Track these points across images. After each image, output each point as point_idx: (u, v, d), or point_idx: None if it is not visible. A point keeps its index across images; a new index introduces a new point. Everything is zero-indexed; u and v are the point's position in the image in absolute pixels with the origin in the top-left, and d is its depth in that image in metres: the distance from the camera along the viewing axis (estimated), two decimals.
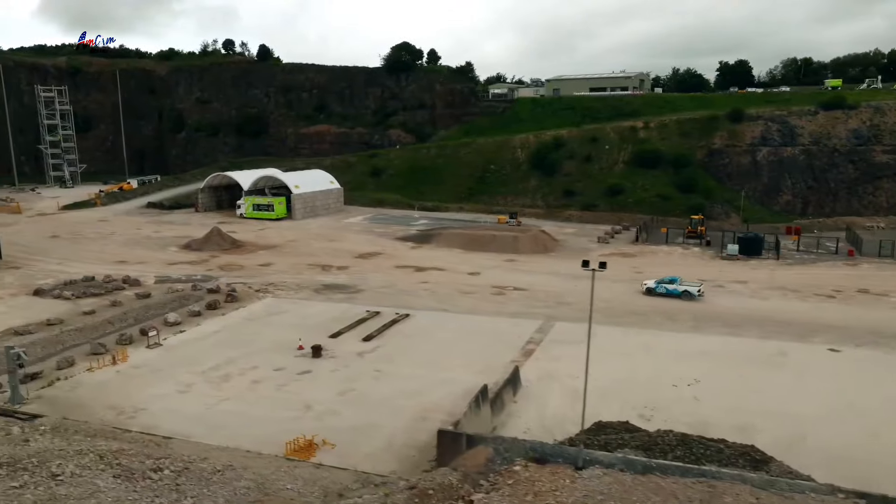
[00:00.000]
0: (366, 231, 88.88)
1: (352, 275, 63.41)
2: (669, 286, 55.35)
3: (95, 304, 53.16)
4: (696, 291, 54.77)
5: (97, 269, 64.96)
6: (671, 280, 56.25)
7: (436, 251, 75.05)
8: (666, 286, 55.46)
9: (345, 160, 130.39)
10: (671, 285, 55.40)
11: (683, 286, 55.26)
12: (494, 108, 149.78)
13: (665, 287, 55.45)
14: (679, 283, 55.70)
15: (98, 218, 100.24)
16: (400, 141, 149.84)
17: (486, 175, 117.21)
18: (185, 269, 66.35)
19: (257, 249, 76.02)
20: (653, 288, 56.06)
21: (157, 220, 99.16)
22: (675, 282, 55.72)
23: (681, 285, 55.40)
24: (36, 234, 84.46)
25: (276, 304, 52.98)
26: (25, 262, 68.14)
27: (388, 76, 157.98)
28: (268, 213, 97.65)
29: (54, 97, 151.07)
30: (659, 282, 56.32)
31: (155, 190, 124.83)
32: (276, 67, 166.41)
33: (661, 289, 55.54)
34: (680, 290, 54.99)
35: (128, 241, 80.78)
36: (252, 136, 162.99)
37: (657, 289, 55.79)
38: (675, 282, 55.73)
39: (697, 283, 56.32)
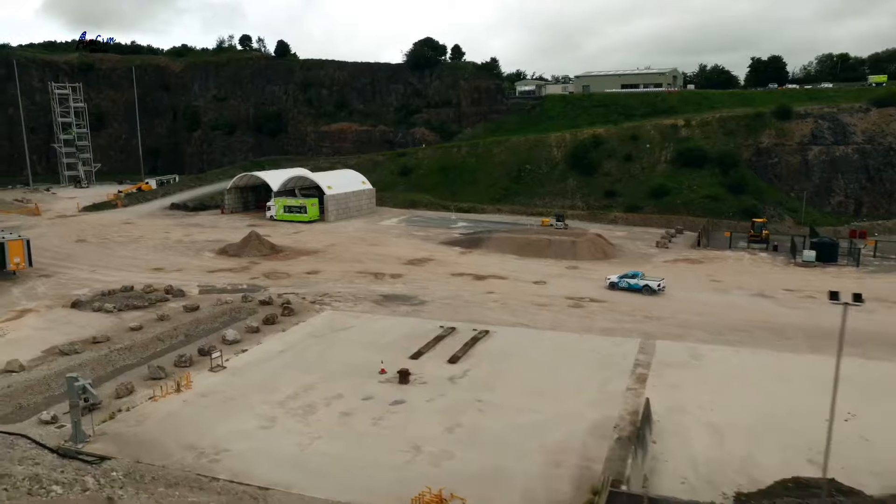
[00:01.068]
0: (406, 234, 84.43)
1: (408, 284, 58.95)
2: (631, 280, 56.41)
3: (141, 318, 48.79)
4: (656, 286, 55.34)
5: (134, 278, 60.62)
6: (633, 274, 57.29)
7: (488, 257, 70.61)
8: (628, 280, 56.51)
9: (372, 159, 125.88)
10: (633, 280, 56.48)
11: (644, 281, 56.16)
12: (522, 106, 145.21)
13: (627, 282, 56.46)
14: (641, 277, 56.86)
15: (122, 220, 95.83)
16: (424, 139, 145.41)
17: (521, 175, 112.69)
18: (227, 277, 61.94)
19: (298, 255, 71.59)
20: (615, 282, 56.94)
21: (184, 222, 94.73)
22: (637, 276, 56.93)
23: (642, 280, 56.38)
24: (61, 239, 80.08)
25: (338, 319, 48.55)
26: (56, 270, 63.75)
27: (410, 73, 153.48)
28: (300, 216, 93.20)
29: (69, 94, 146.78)
30: (621, 276, 57.28)
31: (176, 190, 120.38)
32: (294, 63, 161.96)
33: (624, 283, 56.48)
34: (641, 285, 55.72)
35: (159, 246, 76.37)
36: (270, 135, 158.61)
37: (619, 283, 56.67)
38: (636, 276, 56.92)
39: (658, 279, 57.08)
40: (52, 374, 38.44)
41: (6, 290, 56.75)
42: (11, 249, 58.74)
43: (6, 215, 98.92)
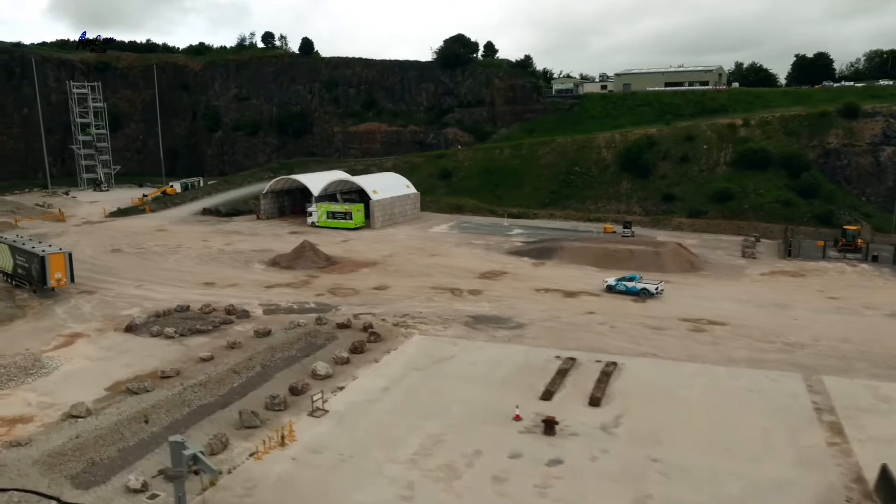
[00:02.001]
0: (463, 243, 78.46)
1: (493, 302, 53.00)
2: (629, 284, 55.83)
3: (208, 345, 42.92)
4: (654, 289, 54.68)
5: (186, 295, 54.76)
6: (631, 277, 56.70)
7: (565, 269, 64.66)
8: (626, 283, 55.96)
9: (409, 161, 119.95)
10: (630, 283, 55.87)
11: (642, 284, 55.43)
12: (560, 105, 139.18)
13: (625, 284, 55.91)
14: (638, 280, 56.29)
15: (154, 227, 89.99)
16: (458, 140, 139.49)
17: (570, 177, 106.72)
18: (288, 293, 56.03)
19: (357, 267, 65.67)
20: (612, 285, 56.34)
21: (220, 229, 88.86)
22: (635, 279, 56.34)
23: (639, 283, 55.66)
24: (94, 248, 74.24)
25: (433, 347, 42.61)
26: (98, 285, 57.87)
27: (442, 71, 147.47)
28: (345, 222, 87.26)
29: (87, 94, 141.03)
30: (619, 279, 56.81)
31: (204, 195, 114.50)
32: (320, 62, 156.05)
33: (621, 286, 55.89)
34: (639, 289, 55.06)
35: (202, 257, 70.51)
36: (294, 136, 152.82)
37: (616, 286, 56.07)
38: (634, 279, 56.35)
39: (656, 282, 56.14)
40: (125, 420, 32.57)
41: (48, 310, 50.93)
42: (53, 264, 52.87)
43: (31, 222, 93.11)
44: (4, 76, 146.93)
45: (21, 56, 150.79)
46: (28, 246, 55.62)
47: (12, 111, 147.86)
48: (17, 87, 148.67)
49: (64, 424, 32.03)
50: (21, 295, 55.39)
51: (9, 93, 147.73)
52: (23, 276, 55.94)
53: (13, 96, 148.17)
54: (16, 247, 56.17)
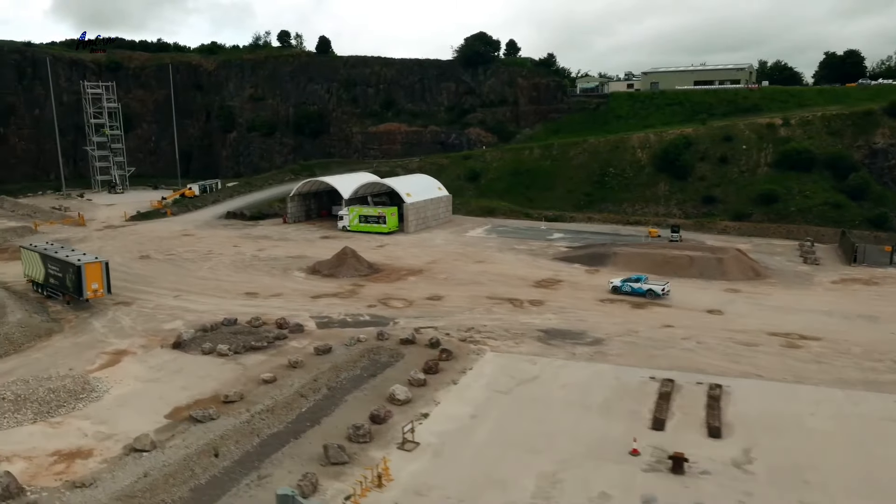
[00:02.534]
0: (505, 248, 75.09)
1: (560, 314, 49.65)
2: (635, 285, 54.98)
3: (266, 363, 39.62)
4: (660, 290, 54.03)
5: (229, 307, 51.48)
6: (637, 278, 55.84)
7: (621, 277, 61.16)
8: (632, 285, 55.11)
9: (434, 162, 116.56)
10: (636, 284, 54.99)
11: (648, 285, 54.65)
12: (585, 104, 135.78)
13: (630, 286, 55.12)
14: (645, 281, 55.34)
15: (178, 231, 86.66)
16: (481, 140, 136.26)
17: (604, 179, 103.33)
18: (337, 304, 52.68)
19: (402, 275, 62.34)
20: (618, 286, 55.57)
21: (248, 233, 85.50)
22: (641, 279, 55.44)
23: (645, 284, 54.81)
24: (122, 255, 70.92)
25: (512, 366, 39.26)
26: (133, 296, 54.54)
27: (463, 69, 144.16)
28: (378, 227, 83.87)
29: (101, 94, 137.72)
30: (625, 280, 55.98)
31: (225, 197, 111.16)
32: (337, 61, 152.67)
33: (627, 287, 55.14)
34: (644, 290, 54.30)
35: (237, 264, 67.16)
36: (312, 136, 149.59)
37: (622, 287, 55.33)
38: (640, 279, 55.46)
39: (662, 282, 55.47)
40: (194, 454, 29.31)
41: (86, 324, 47.60)
42: (89, 274, 49.54)
43: (51, 226, 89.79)
44: (15, 76, 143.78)
45: (32, 56, 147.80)
46: (61, 254, 52.33)
47: (24, 112, 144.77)
48: (28, 88, 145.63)
49: (128, 460, 28.76)
50: (54, 306, 52.12)
51: (20, 93, 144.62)
52: (55, 287, 52.66)
53: (24, 97, 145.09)
54: (48, 255, 52.86)
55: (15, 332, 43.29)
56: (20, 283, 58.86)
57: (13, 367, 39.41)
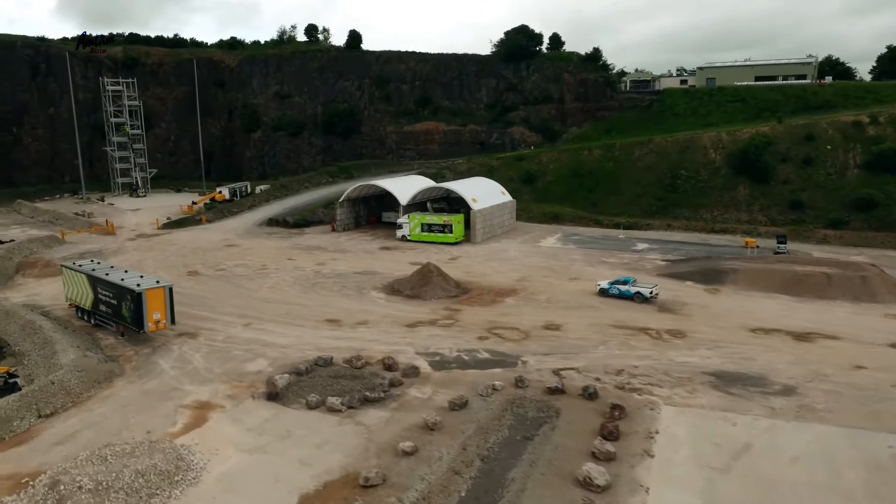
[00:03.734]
0: (594, 261, 66.95)
1: (715, 349, 41.52)
2: (622, 287, 52.92)
3: (394, 424, 31.54)
4: (648, 293, 51.65)
5: (313, 339, 43.43)
6: (625, 280, 53.74)
7: (753, 299, 53.17)
8: (619, 287, 53.06)
9: (485, 164, 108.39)
10: (624, 286, 52.88)
11: (636, 288, 52.45)
12: (637, 102, 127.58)
13: (618, 288, 53.06)
14: (633, 283, 53.13)
15: (220, 241, 78.53)
16: (525, 140, 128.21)
17: (676, 182, 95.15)
18: (439, 335, 44.57)
19: (496, 296, 54.19)
20: (606, 289, 53.66)
21: (297, 244, 77.38)
22: (629, 282, 53.36)
23: (633, 287, 52.59)
24: (167, 271, 62.80)
25: (705, 427, 31.14)
26: (196, 324, 46.43)
27: (504, 65, 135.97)
28: (443, 236, 75.67)
29: (122, 91, 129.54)
30: (612, 282, 53.94)
31: (261, 202, 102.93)
32: (369, 56, 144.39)
33: (614, 290, 53.13)
34: (632, 292, 52.15)
35: (301, 282, 59.05)
36: (342, 136, 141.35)
37: (610, 290, 53.35)
38: (628, 282, 53.37)
39: (650, 285, 53.01)
40: None
41: (150, 364, 39.46)
42: (151, 302, 41.43)
43: (79, 235, 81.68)
44: (28, 73, 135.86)
45: (47, 51, 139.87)
46: (115, 277, 44.17)
47: (38, 110, 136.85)
48: (42, 85, 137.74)
49: None
50: (105, 338, 44.02)
51: (34, 91, 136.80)
52: (107, 315, 44.53)
53: (38, 95, 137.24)
54: (98, 278, 44.72)
55: (71, 378, 35.16)
56: (59, 305, 50.88)
57: (76, 428, 31.32)
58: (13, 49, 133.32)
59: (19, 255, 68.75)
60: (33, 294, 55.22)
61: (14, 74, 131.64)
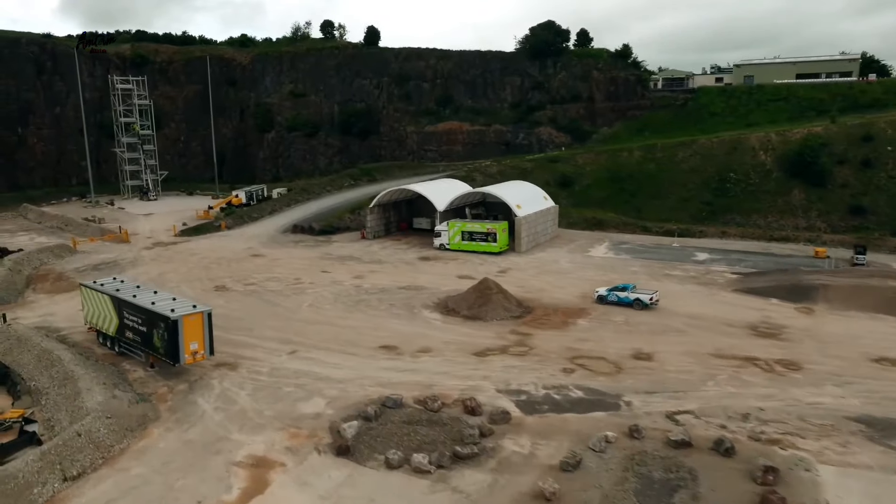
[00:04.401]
0: (658, 274, 61.18)
1: (846, 387, 35.83)
2: (621, 294, 51.06)
3: (500, 492, 25.91)
4: (648, 300, 49.90)
5: (372, 371, 37.78)
6: (623, 287, 51.87)
7: (852, 320, 47.49)
8: (618, 294, 51.19)
9: (517, 166, 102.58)
10: (623, 293, 51.03)
11: (636, 294, 50.77)
12: (671, 100, 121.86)
13: (617, 295, 51.16)
14: (632, 290, 51.26)
15: (244, 250, 72.81)
16: (553, 141, 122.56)
17: (725, 186, 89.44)
18: (516, 366, 38.85)
19: (565, 316, 48.47)
20: (604, 295, 51.74)
21: (327, 253, 71.68)
22: (628, 289, 51.34)
23: (633, 293, 50.88)
24: (191, 285, 57.11)
25: (886, 496, 25.32)
26: (236, 352, 40.68)
27: (529, 62, 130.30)
28: (486, 245, 69.90)
29: (132, 89, 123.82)
30: (611, 289, 51.97)
31: (282, 206, 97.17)
32: (388, 53, 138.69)
33: (613, 296, 51.30)
34: (632, 299, 50.34)
35: (342, 299, 53.31)
36: (359, 136, 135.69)
37: (609, 297, 51.48)
38: (627, 289, 51.37)
39: (650, 291, 51.37)
40: None
41: (189, 404, 33.72)
42: (188, 330, 35.69)
43: (92, 244, 75.94)
44: (34, 71, 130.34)
45: (53, 48, 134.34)
46: (144, 300, 38.41)
47: (43, 110, 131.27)
48: (47, 84, 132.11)
49: None
50: (133, 368, 38.31)
51: (39, 90, 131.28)
52: (133, 343, 38.82)
53: (44, 93, 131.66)
54: (123, 300, 38.97)
55: (99, 427, 29.47)
56: (77, 327, 45.23)
57: (111, 496, 25.62)
58: (18, 46, 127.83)
59: (29, 267, 63.06)
60: (47, 314, 49.52)
61: (19, 72, 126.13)
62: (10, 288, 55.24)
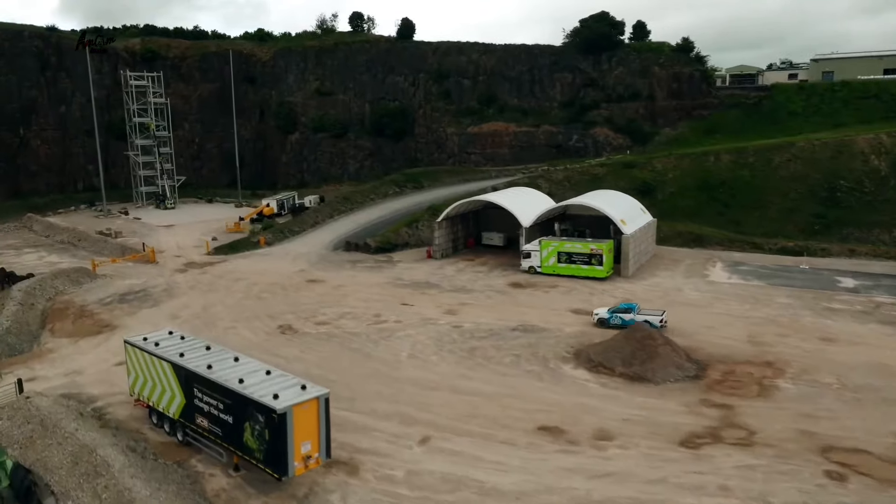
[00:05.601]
0: (816, 308, 49.73)
1: None
2: (626, 315, 44.49)
3: None
4: (657, 322, 43.23)
5: (549, 476, 26.31)
6: (627, 307, 45.61)
7: None
8: (622, 316, 44.71)
9: (586, 171, 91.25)
10: (628, 314, 44.50)
11: (642, 315, 44.22)
12: (741, 99, 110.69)
13: (620, 317, 44.66)
14: (637, 311, 44.93)
15: (296, 273, 61.21)
16: (610, 143, 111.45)
17: (836, 195, 78.19)
18: (751, 465, 27.46)
19: (755, 375, 36.95)
20: (606, 318, 45.28)
21: (397, 278, 60.13)
22: (633, 310, 45.02)
23: (639, 314, 44.44)
24: (247, 325, 45.44)
25: None
26: (346, 439, 29.17)
27: (581, 57, 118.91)
28: (590, 269, 58.35)
29: (147, 86, 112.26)
30: (613, 310, 45.60)
31: (325, 218, 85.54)
32: (425, 48, 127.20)
33: (616, 319, 44.78)
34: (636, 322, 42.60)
35: (446, 346, 41.79)
36: (393, 138, 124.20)
37: (611, 319, 44.98)
38: (632, 309, 45.11)
39: (658, 312, 45.34)
40: None
41: None
42: (299, 426, 24.23)
43: (114, 265, 64.13)
44: (37, 66, 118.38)
45: (57, 42, 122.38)
46: (224, 372, 26.79)
47: (47, 109, 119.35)
48: (52, 81, 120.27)
49: None
50: (211, 477, 26.68)
51: (42, 87, 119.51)
52: (209, 434, 27.24)
53: (48, 91, 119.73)
54: (193, 372, 27.36)
55: None
56: (115, 394, 33.65)
57: None
58: (20, 40, 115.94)
59: (43, 299, 51.44)
60: (73, 371, 37.98)
61: (21, 68, 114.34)
62: (22, 330, 43.71)
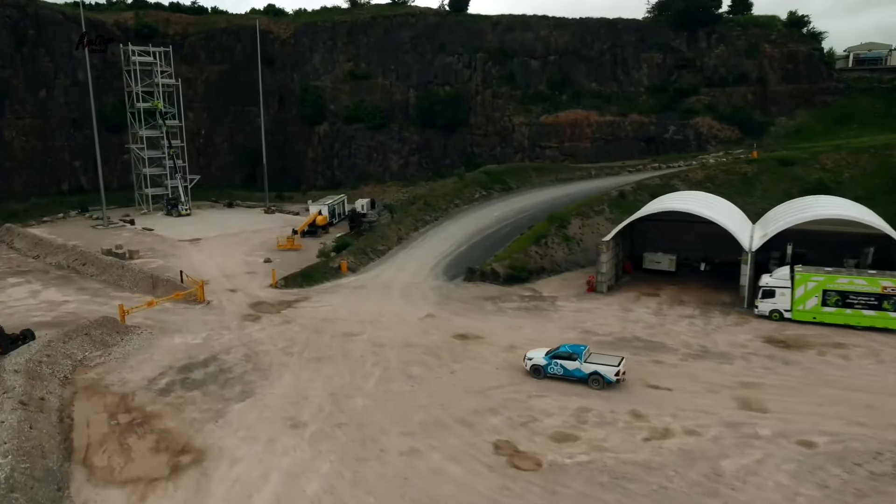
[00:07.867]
0: None
1: None
2: (569, 364, 31.62)
3: None
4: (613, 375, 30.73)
5: None
6: (571, 351, 32.16)
7: None
8: (563, 364, 31.80)
9: (729, 169, 72.19)
10: (571, 362, 31.56)
11: (592, 365, 31.30)
12: (871, 83, 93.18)
13: (562, 365, 31.81)
14: (584, 358, 31.52)
15: (431, 325, 41.04)
16: (715, 136, 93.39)
17: None
18: None
19: None
20: (541, 366, 32.45)
21: (585, 330, 40.28)
22: (580, 354, 31.74)
23: (588, 362, 31.45)
24: (442, 448, 25.33)
25: None
26: None
27: (673, 33, 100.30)
28: (881, 317, 39.02)
29: (154, 64, 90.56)
30: (551, 354, 32.46)
31: (409, 231, 64.99)
32: (483, 22, 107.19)
33: (556, 367, 32.04)
34: (587, 373, 31.10)
35: (731, 488, 22.15)
36: (445, 130, 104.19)
37: (549, 367, 32.19)
38: (578, 353, 31.79)
39: (611, 359, 31.93)
40: None
41: None
42: None
43: (150, 310, 43.00)
44: (11, 42, 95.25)
45: (35, 13, 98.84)
46: None
47: (24, 94, 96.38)
48: (29, 58, 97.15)
49: None
50: None
51: (18, 66, 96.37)
52: None
53: (24, 71, 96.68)
54: None
55: None
56: None
57: None
58: None
59: (55, 382, 30.62)
60: None
61: None
62: (34, 468, 22.87)
